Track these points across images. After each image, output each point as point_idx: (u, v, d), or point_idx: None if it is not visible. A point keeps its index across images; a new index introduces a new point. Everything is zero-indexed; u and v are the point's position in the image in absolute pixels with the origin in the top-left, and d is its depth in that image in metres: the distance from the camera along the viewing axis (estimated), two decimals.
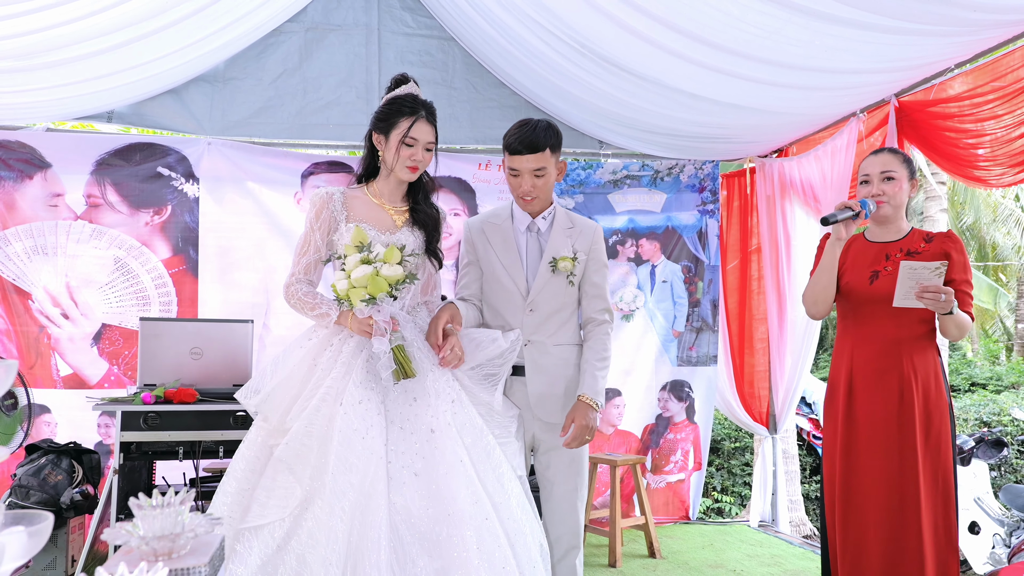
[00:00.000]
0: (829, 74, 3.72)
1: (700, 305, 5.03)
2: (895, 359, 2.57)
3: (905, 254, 2.61)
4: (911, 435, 2.53)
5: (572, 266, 2.51)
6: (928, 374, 2.56)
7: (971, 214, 13.64)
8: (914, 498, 2.51)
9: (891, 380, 2.57)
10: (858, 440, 2.62)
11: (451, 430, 2.15)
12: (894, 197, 2.62)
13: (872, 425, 2.59)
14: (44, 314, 4.13)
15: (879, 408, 2.58)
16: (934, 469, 2.54)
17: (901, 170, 2.64)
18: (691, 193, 5.04)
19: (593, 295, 2.59)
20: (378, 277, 2.12)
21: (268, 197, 4.44)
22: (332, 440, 2.03)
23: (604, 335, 2.57)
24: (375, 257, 2.16)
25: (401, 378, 2.17)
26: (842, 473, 2.65)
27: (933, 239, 2.62)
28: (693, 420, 5.02)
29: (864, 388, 2.61)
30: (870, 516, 2.58)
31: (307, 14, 4.54)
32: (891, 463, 2.55)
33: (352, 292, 2.12)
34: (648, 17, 3.50)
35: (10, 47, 3.47)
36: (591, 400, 2.44)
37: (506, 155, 2.48)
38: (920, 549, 2.50)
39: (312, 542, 1.94)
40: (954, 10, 2.91)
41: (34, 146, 4.17)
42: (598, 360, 2.52)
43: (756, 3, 3.14)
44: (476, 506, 2.05)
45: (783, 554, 4.37)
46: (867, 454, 2.59)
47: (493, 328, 2.51)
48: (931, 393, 2.55)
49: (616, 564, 4.15)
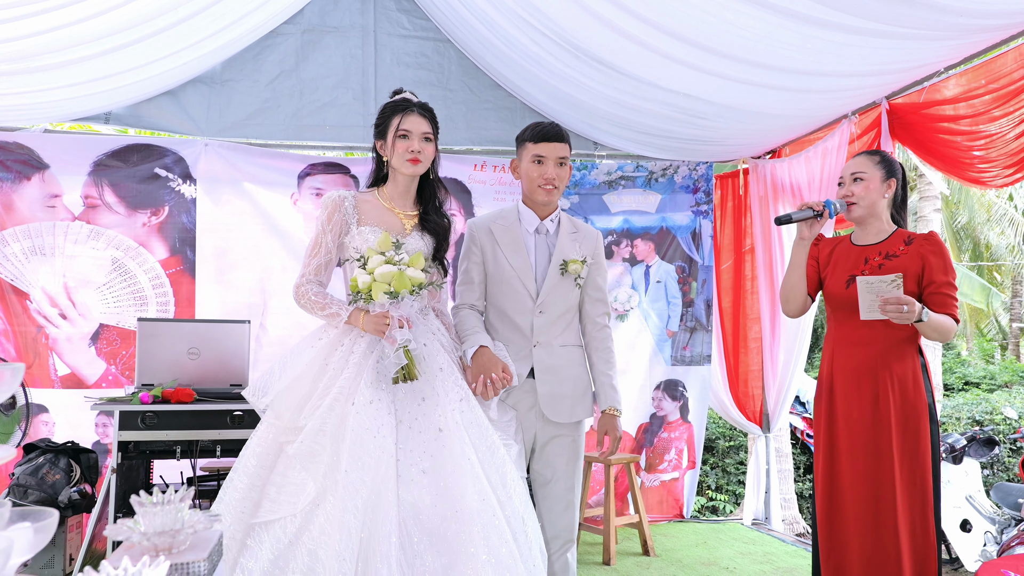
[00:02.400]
0: (821, 77, 3.76)
1: (694, 305, 5.07)
2: (871, 362, 2.61)
3: (884, 257, 2.65)
4: (887, 436, 2.57)
5: (581, 268, 2.58)
6: (906, 376, 2.59)
7: (965, 214, 13.71)
8: (890, 498, 2.55)
9: (866, 382, 2.61)
10: (838, 440, 2.67)
11: (459, 429, 2.19)
12: (864, 198, 2.67)
13: (850, 426, 2.64)
14: (42, 314, 4.16)
15: (855, 409, 2.63)
16: (911, 470, 2.57)
17: (873, 171, 2.68)
18: (685, 194, 5.07)
19: (596, 298, 2.66)
20: (404, 275, 2.16)
21: (265, 198, 4.47)
22: (345, 438, 2.07)
23: (609, 340, 2.68)
24: (399, 260, 2.20)
25: (401, 380, 2.21)
26: (825, 472, 2.70)
27: (913, 241, 2.65)
28: (687, 419, 5.05)
29: (842, 390, 2.67)
30: (849, 515, 2.63)
31: (303, 16, 4.57)
32: (868, 464, 2.59)
33: (375, 286, 2.16)
34: (641, 21, 3.53)
35: (8, 50, 3.49)
36: (615, 411, 2.60)
37: (529, 145, 2.55)
38: (897, 548, 2.54)
39: (324, 537, 1.97)
40: (939, 15, 2.95)
41: (32, 147, 4.20)
42: (610, 369, 2.65)
43: (748, 8, 3.17)
44: (483, 503, 2.09)
45: (776, 552, 4.41)
46: (846, 454, 2.64)
47: (499, 330, 2.57)
48: (908, 395, 2.58)
49: (610, 562, 4.19)
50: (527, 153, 2.57)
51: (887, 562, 2.56)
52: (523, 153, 2.59)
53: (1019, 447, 6.17)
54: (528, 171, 2.57)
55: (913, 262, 2.59)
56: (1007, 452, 6.17)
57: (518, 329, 2.55)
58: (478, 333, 2.48)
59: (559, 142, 2.54)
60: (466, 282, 2.61)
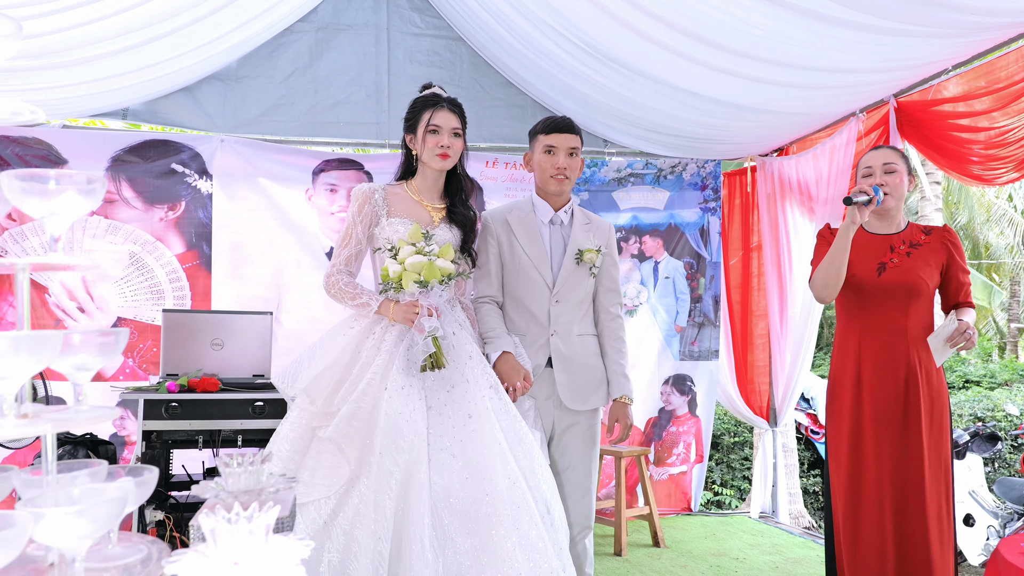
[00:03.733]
0: (830, 74, 3.82)
1: (702, 301, 5.13)
2: (903, 349, 2.66)
3: (909, 246, 2.72)
4: (916, 423, 2.63)
5: (596, 257, 2.65)
6: (931, 365, 2.66)
7: (965, 214, 13.79)
8: (919, 485, 2.60)
9: (899, 369, 2.66)
10: (864, 428, 2.70)
11: (489, 415, 2.25)
12: (896, 188, 2.72)
13: (877, 413, 2.68)
14: (60, 308, 4.21)
15: (887, 396, 2.67)
16: (937, 457, 2.63)
17: (901, 164, 2.75)
18: (693, 191, 5.14)
19: (609, 288, 2.73)
20: (433, 265, 2.23)
21: (280, 193, 4.52)
22: (378, 423, 2.13)
23: (621, 330, 2.74)
24: (429, 251, 2.27)
25: (429, 368, 2.27)
26: (849, 460, 2.73)
27: (932, 232, 2.74)
28: (695, 413, 5.11)
29: (872, 377, 2.70)
30: (873, 501, 2.67)
31: (317, 14, 4.62)
32: (896, 450, 2.64)
33: (405, 275, 2.23)
34: (653, 18, 3.59)
35: (28, 47, 3.54)
36: (627, 399, 2.67)
37: (540, 137, 2.63)
38: (925, 533, 2.59)
39: (359, 518, 2.03)
40: (949, 12, 3.01)
41: (50, 142, 4.24)
42: (623, 359, 2.71)
43: (759, 5, 3.23)
44: (512, 487, 2.14)
45: (784, 543, 4.47)
46: (874, 441, 2.67)
47: (516, 320, 2.63)
48: (934, 383, 2.65)
49: (622, 553, 4.25)
50: (539, 144, 2.65)
51: (914, 547, 2.61)
52: (535, 145, 2.67)
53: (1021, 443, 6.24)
54: (540, 161, 2.64)
55: (937, 252, 2.69)
56: (1009, 448, 6.23)
57: (535, 318, 2.62)
58: (501, 337, 2.54)
59: (570, 133, 2.63)
60: (483, 274, 2.66)
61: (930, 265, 2.66)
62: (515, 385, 2.43)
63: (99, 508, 0.86)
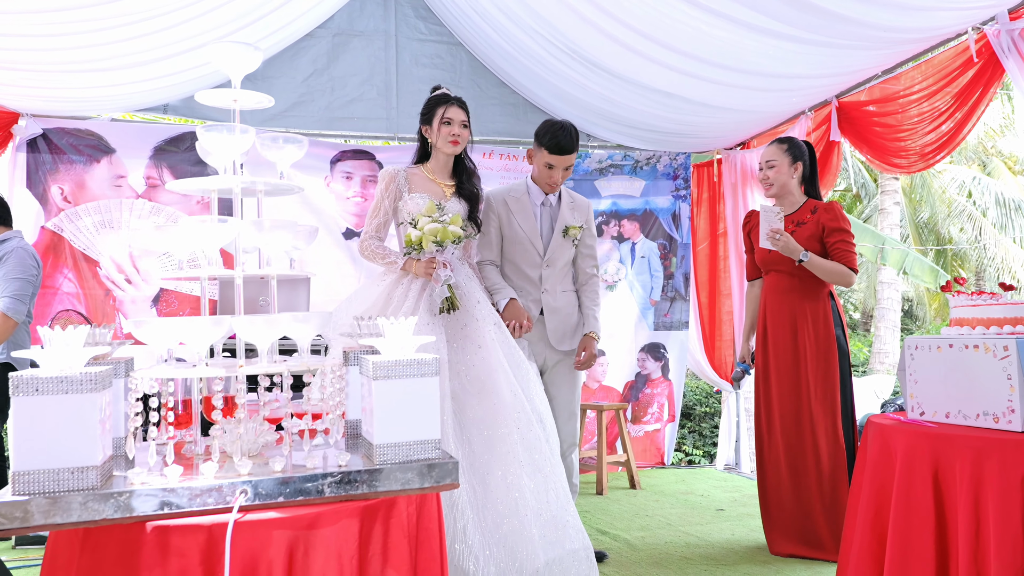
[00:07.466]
0: (783, 78, 4.45)
1: (674, 278, 5.77)
2: (789, 304, 3.42)
3: (796, 224, 3.43)
4: (804, 362, 3.37)
5: (578, 232, 3.30)
6: (817, 315, 3.38)
7: (927, 209, 14.55)
8: (807, 409, 3.36)
9: (788, 320, 3.41)
10: (770, 370, 3.47)
11: (495, 344, 2.86)
12: (776, 179, 3.48)
13: (777, 356, 3.44)
14: (110, 279, 4.77)
15: (781, 342, 3.42)
16: (824, 388, 3.35)
17: (782, 157, 3.49)
18: (666, 180, 5.78)
19: (587, 254, 3.38)
20: (447, 229, 2.84)
21: (301, 180, 5.10)
22: None
23: (596, 285, 3.40)
24: (443, 219, 2.88)
25: (446, 310, 2.88)
26: (763, 397, 3.50)
27: (818, 210, 3.42)
28: (668, 377, 5.76)
29: (772, 329, 3.46)
30: (777, 426, 3.41)
31: (334, 21, 5.21)
32: (791, 385, 3.39)
33: (424, 238, 2.84)
34: (630, 29, 4.21)
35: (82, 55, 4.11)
36: (595, 335, 3.30)
37: (544, 152, 3.19)
38: (815, 444, 3.33)
39: None
40: (867, 30, 3.67)
41: (101, 134, 4.81)
42: (595, 305, 3.37)
43: (719, 21, 3.86)
44: (514, 397, 2.76)
45: (743, 486, 5.12)
46: (776, 379, 3.44)
47: (513, 279, 3.27)
48: (820, 329, 3.37)
49: (603, 492, 4.88)
50: (542, 156, 3.23)
51: (806, 453, 3.36)
52: (539, 154, 3.24)
53: None
54: (540, 170, 3.26)
55: (816, 227, 3.38)
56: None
57: (529, 279, 3.27)
58: (506, 288, 3.18)
59: (569, 154, 3.21)
60: (486, 242, 3.30)
61: (812, 238, 3.36)
62: (522, 322, 3.04)
63: None
